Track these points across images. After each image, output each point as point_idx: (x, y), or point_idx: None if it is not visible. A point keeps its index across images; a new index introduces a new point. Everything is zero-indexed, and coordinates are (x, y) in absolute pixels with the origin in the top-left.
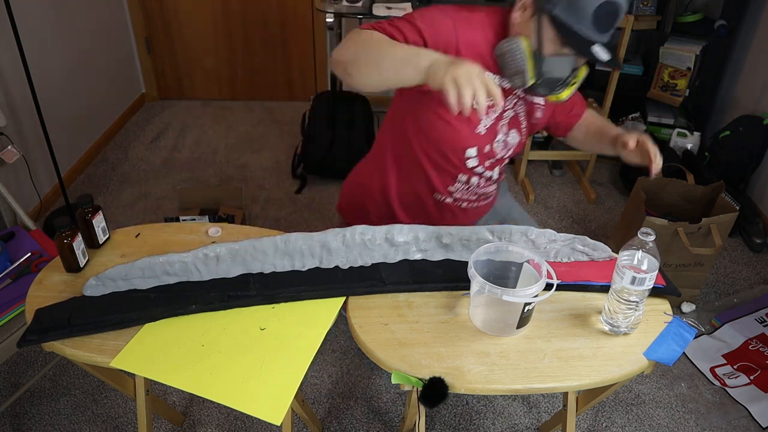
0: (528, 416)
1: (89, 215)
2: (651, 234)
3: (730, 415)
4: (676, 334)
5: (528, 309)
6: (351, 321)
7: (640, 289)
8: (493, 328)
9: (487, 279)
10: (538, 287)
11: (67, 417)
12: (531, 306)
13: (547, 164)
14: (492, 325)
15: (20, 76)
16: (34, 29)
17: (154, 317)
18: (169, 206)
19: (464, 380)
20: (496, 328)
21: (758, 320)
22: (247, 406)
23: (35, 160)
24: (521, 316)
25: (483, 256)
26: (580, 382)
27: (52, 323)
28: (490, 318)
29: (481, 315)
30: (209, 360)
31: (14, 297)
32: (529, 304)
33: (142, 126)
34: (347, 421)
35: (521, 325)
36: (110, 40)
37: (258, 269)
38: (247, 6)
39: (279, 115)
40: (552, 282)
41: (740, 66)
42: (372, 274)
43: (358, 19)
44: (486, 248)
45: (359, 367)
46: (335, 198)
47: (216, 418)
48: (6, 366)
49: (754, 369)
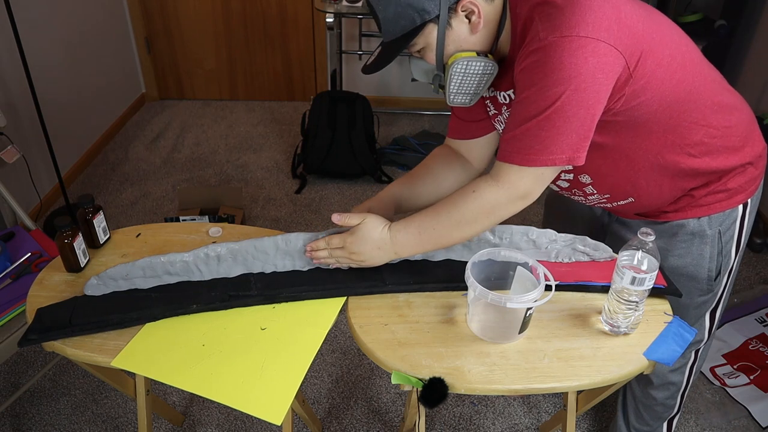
0: (528, 416)
1: (90, 215)
2: (651, 234)
3: (730, 415)
4: (676, 334)
5: (530, 313)
6: (351, 321)
7: (640, 289)
8: (496, 336)
9: (484, 283)
10: (539, 291)
11: (67, 417)
12: (532, 309)
13: None
14: (494, 333)
15: (20, 76)
16: (34, 29)
17: (155, 317)
18: (169, 206)
19: (464, 380)
20: (498, 336)
21: (758, 320)
22: (247, 406)
23: (35, 160)
24: (524, 321)
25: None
26: (580, 382)
27: (53, 323)
28: (491, 326)
29: (481, 323)
30: (210, 360)
31: (14, 297)
32: (531, 308)
33: (142, 126)
34: (347, 421)
35: (523, 330)
36: (110, 40)
37: (259, 269)
38: (247, 6)
39: (279, 115)
40: (551, 283)
41: (740, 66)
42: (372, 275)
43: (358, 19)
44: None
45: (359, 367)
46: (335, 198)
47: (216, 418)
48: (6, 366)
49: (754, 369)
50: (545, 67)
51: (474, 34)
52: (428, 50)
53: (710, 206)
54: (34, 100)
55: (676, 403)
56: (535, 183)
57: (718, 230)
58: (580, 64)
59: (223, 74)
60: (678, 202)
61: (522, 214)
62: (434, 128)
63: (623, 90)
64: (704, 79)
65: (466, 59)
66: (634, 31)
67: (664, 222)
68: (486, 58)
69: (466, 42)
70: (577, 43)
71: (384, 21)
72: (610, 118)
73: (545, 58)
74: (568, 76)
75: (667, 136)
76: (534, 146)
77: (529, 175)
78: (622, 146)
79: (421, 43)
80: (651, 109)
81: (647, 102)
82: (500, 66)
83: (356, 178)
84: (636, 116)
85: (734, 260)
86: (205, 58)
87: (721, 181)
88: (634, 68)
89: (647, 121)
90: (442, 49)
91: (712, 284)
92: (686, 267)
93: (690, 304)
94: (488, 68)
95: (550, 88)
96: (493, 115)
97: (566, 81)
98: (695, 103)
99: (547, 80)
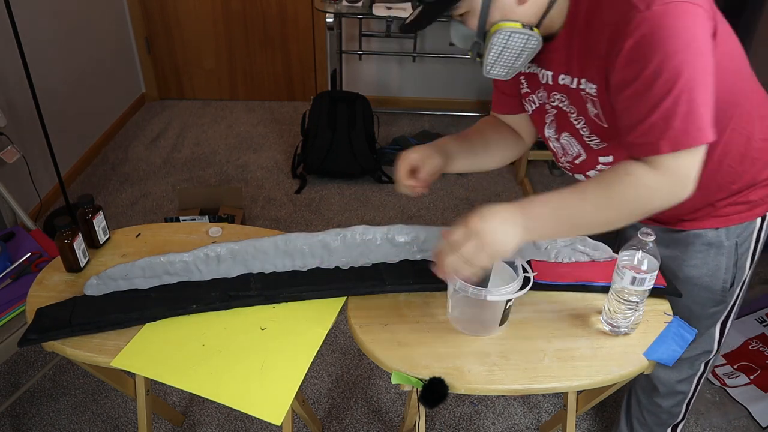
0: (528, 416)
1: (90, 215)
2: (651, 234)
3: (730, 415)
4: (676, 335)
5: (509, 305)
6: (351, 321)
7: (640, 289)
8: (477, 329)
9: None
10: (517, 283)
11: (67, 417)
12: (512, 302)
13: (547, 164)
14: (475, 326)
15: (20, 76)
16: (34, 29)
17: (155, 317)
18: (169, 206)
19: (464, 380)
20: (479, 328)
21: (758, 320)
22: (247, 406)
23: (35, 160)
24: (504, 313)
25: None
26: (580, 382)
27: (53, 322)
28: (471, 319)
29: (461, 317)
30: (210, 360)
31: (14, 297)
32: (510, 301)
33: (142, 126)
34: (347, 421)
35: (503, 322)
36: (110, 40)
37: (259, 269)
38: (247, 6)
39: (279, 115)
40: (529, 275)
41: None
42: (372, 274)
43: (358, 19)
44: None
45: (359, 367)
46: (335, 198)
47: (216, 418)
48: (6, 366)
49: (754, 369)
50: (660, 38)
51: (522, 5)
52: (471, 15)
53: (729, 217)
54: (34, 100)
55: (681, 411)
56: (696, 165)
57: (735, 242)
58: (694, 28)
59: (223, 74)
60: (697, 212)
61: None
62: (434, 128)
63: None
64: (754, 86)
65: (509, 30)
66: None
67: (681, 231)
68: (531, 31)
69: (512, 12)
70: (683, 8)
71: None
72: None
73: (656, 29)
74: (685, 45)
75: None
76: (684, 126)
77: (692, 158)
78: None
79: (465, 7)
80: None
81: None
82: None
83: (356, 178)
84: None
85: (748, 272)
86: (205, 59)
87: (743, 193)
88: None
89: None
90: (486, 15)
91: (726, 295)
92: (701, 278)
93: (702, 314)
94: (532, 43)
95: (671, 60)
96: (524, 93)
97: (684, 50)
98: (743, 107)
99: (665, 53)
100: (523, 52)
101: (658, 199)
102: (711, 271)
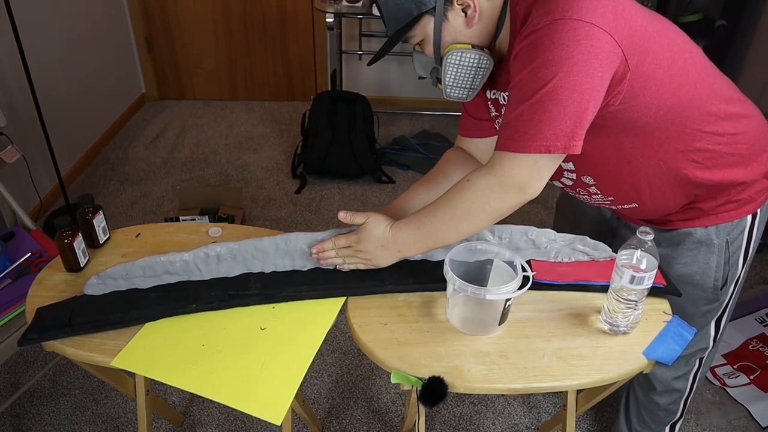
0: (528, 416)
1: (90, 215)
2: (650, 233)
3: (730, 415)
4: (676, 334)
5: (509, 304)
6: (351, 321)
7: (639, 288)
8: (476, 328)
9: (463, 277)
10: (516, 282)
11: (67, 417)
12: (511, 301)
13: None
14: (474, 325)
15: (20, 76)
16: (34, 28)
17: (155, 316)
18: (169, 206)
19: (464, 380)
20: (479, 328)
21: (758, 320)
22: (247, 406)
23: (35, 160)
24: (503, 312)
25: (456, 257)
26: (580, 381)
27: (53, 322)
28: (470, 318)
29: (461, 316)
30: (210, 359)
31: (14, 297)
32: (509, 300)
33: (142, 126)
34: (347, 421)
35: (502, 321)
36: (110, 40)
37: (258, 269)
38: (247, 6)
39: (279, 115)
40: (528, 274)
41: (740, 66)
42: (372, 274)
43: (358, 19)
44: (456, 249)
45: (359, 367)
46: (335, 198)
47: (216, 418)
48: (6, 366)
49: (754, 369)
50: (537, 50)
51: (470, 27)
52: (426, 42)
53: (718, 215)
54: (34, 100)
55: (679, 409)
56: (530, 173)
57: (726, 240)
58: (573, 46)
59: (223, 74)
60: (685, 212)
61: (522, 214)
62: (434, 128)
63: (621, 85)
64: (710, 86)
65: (460, 50)
66: (632, 26)
67: (671, 230)
68: (481, 51)
69: (462, 35)
70: (569, 26)
71: (386, 14)
72: (609, 121)
73: (538, 41)
74: (560, 58)
75: (669, 142)
76: (527, 131)
77: (523, 163)
78: (624, 151)
79: (419, 35)
80: (651, 112)
81: (647, 103)
82: (499, 65)
83: (356, 178)
84: (636, 118)
85: (741, 269)
86: (205, 58)
87: (730, 193)
88: (633, 64)
89: (647, 125)
90: (439, 40)
91: (719, 293)
92: (692, 276)
93: (695, 312)
94: (483, 61)
95: (541, 70)
96: (494, 117)
97: (558, 63)
98: (699, 110)
99: (539, 62)
100: (479, 71)
101: (494, 201)
102: (702, 269)
